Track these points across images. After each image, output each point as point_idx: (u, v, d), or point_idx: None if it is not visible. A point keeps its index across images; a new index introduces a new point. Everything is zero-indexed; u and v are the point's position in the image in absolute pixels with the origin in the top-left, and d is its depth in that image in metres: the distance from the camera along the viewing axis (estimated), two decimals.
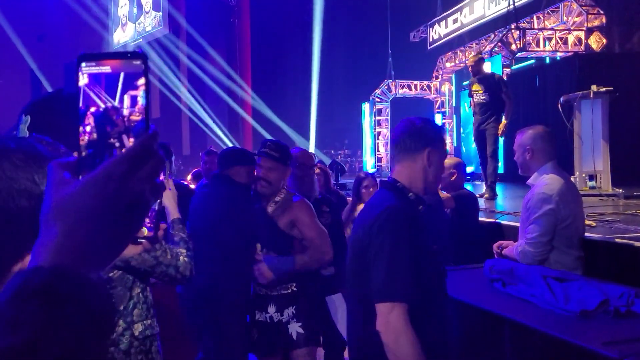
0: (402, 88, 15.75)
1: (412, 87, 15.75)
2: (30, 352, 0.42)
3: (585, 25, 10.92)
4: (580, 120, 6.00)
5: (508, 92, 6.60)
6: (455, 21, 13.77)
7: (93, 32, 21.03)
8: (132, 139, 0.55)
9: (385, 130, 16.13)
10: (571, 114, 6.06)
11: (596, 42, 10.95)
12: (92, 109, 0.55)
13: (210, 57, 18.21)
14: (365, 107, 16.61)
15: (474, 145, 8.02)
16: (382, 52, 16.07)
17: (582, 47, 10.89)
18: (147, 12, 20.27)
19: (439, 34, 14.49)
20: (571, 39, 11.21)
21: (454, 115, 14.89)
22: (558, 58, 11.14)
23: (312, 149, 15.95)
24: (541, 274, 2.20)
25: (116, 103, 0.55)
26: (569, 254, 2.67)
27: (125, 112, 0.55)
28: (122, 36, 21.81)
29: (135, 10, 20.87)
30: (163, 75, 19.46)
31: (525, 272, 2.26)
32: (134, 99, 0.55)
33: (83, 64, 0.55)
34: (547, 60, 11.73)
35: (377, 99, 16.07)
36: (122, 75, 0.54)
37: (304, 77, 17.97)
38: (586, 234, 2.93)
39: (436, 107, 15.79)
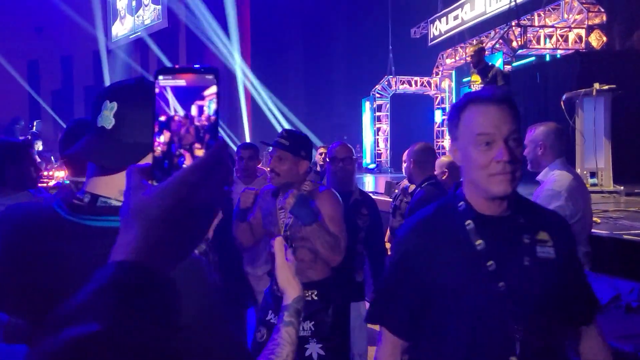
0: (403, 84, 15.78)
1: (413, 83, 15.79)
2: (109, 339, 0.46)
3: (586, 23, 10.96)
4: (582, 117, 6.05)
5: (504, 85, 6.56)
6: (456, 18, 13.79)
7: (92, 25, 20.94)
8: (201, 149, 0.58)
9: (385, 126, 16.18)
10: (573, 111, 6.10)
11: (597, 40, 10.99)
12: (166, 119, 0.58)
13: (210, 50, 18.18)
14: (366, 102, 16.64)
15: None
16: (382, 48, 16.09)
17: (583, 45, 10.93)
18: (145, 5, 20.21)
19: (439, 30, 14.51)
20: (572, 36, 11.25)
21: None
22: (558, 56, 11.17)
23: None
24: None
25: (188, 113, 0.58)
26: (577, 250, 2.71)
27: (196, 122, 0.58)
28: (120, 29, 21.75)
29: (134, 3, 20.80)
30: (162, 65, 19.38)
31: None
32: (204, 110, 0.58)
33: (160, 77, 0.59)
34: (548, 58, 11.77)
35: (377, 95, 16.10)
36: (195, 88, 0.58)
37: (305, 71, 17.96)
38: (592, 230, 2.97)
39: (436, 103, 15.83)
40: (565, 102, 6.16)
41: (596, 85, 5.93)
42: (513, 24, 11.24)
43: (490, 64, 7.15)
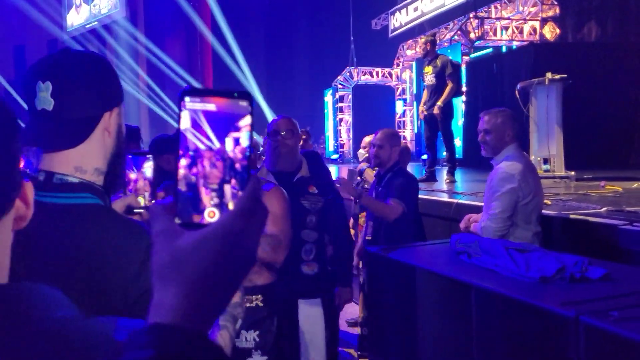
0: (364, 75, 15.92)
1: (374, 74, 15.94)
2: None
3: (540, 15, 11.30)
4: (535, 106, 6.26)
5: (452, 74, 6.52)
6: (415, 9, 13.98)
7: (45, 14, 20.28)
8: (235, 188, 0.52)
9: (348, 117, 16.29)
10: (527, 100, 6.30)
11: (550, 31, 11.34)
12: (192, 149, 0.51)
13: (170, 40, 17.89)
14: (328, 93, 16.71)
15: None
16: (344, 39, 16.17)
17: (537, 37, 11.27)
18: None
19: (400, 21, 14.68)
20: (527, 28, 11.59)
21: (415, 102, 15.16)
22: (514, 47, 11.49)
23: None
24: (504, 246, 2.35)
25: (218, 144, 0.51)
26: (528, 229, 2.84)
27: (227, 154, 0.51)
28: (76, 18, 21.10)
29: None
30: (119, 61, 18.99)
31: (489, 245, 2.40)
32: (236, 142, 0.51)
33: (187, 99, 0.52)
34: (504, 49, 12.08)
35: (339, 86, 16.19)
36: (226, 114, 0.51)
37: (267, 62, 17.88)
38: (543, 211, 3.12)
39: (397, 94, 16.04)
40: (520, 92, 6.36)
41: (548, 75, 6.14)
42: (471, 16, 11.50)
43: (439, 54, 7.07)
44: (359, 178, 4.88)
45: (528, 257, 2.21)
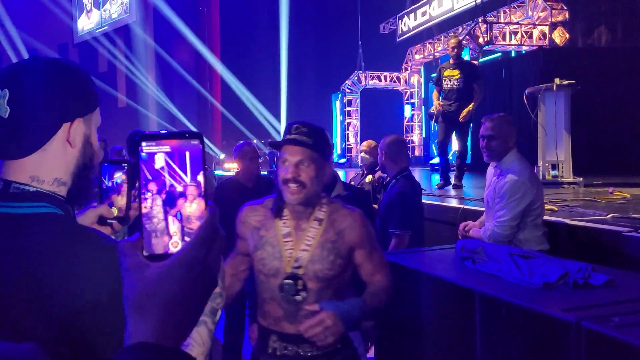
0: (372, 79, 15.94)
1: (382, 78, 15.96)
2: None
3: (550, 20, 11.26)
4: (544, 111, 6.25)
5: (481, 82, 6.60)
6: (424, 14, 13.99)
7: (56, 19, 20.50)
8: (193, 218, 0.57)
9: (355, 121, 16.31)
10: (535, 106, 6.30)
11: (560, 36, 11.30)
12: (153, 187, 0.57)
13: (179, 44, 18.02)
14: (336, 98, 16.75)
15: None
16: (352, 44, 16.21)
17: (547, 42, 11.24)
18: None
19: (408, 26, 14.70)
20: (536, 33, 11.55)
21: (423, 107, 15.16)
22: (523, 52, 11.46)
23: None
24: (508, 252, 2.37)
25: (176, 180, 0.57)
26: (537, 230, 2.87)
27: (185, 189, 0.57)
28: (86, 23, 21.34)
29: None
30: (129, 63, 19.14)
31: (493, 250, 2.42)
32: (192, 177, 0.57)
33: (144, 144, 0.57)
34: (513, 54, 12.05)
35: (347, 90, 16.22)
36: (180, 154, 0.57)
37: (274, 67, 17.96)
38: (549, 217, 3.14)
39: (405, 98, 16.04)
40: (528, 97, 6.36)
41: (557, 81, 6.13)
42: (479, 20, 11.48)
43: (467, 60, 7.22)
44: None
45: (531, 263, 2.23)
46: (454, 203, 4.86)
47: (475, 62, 7.36)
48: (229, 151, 11.44)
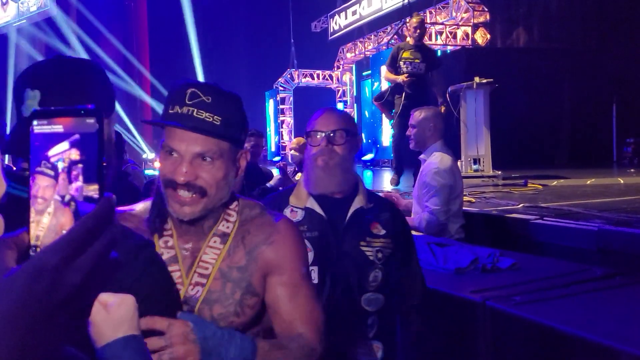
0: (305, 77, 16.09)
1: (315, 76, 16.14)
2: None
3: (472, 21, 11.80)
4: (465, 108, 6.57)
5: (438, 72, 6.05)
6: (354, 13, 14.27)
7: None
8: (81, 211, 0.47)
9: (289, 119, 16.40)
10: (458, 103, 6.62)
11: (481, 37, 11.86)
12: (40, 177, 0.48)
13: (105, 38, 17.41)
14: (269, 96, 16.77)
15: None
16: (284, 42, 16.28)
17: (470, 42, 11.77)
18: None
19: (339, 24, 14.94)
20: (460, 33, 12.07)
21: (355, 105, 15.46)
22: (448, 51, 11.94)
23: None
24: (426, 241, 2.53)
25: (65, 168, 0.48)
26: (456, 222, 3.05)
27: (76, 177, 0.47)
28: (2, 16, 20.17)
29: None
30: (51, 54, 18.25)
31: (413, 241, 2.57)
32: (85, 163, 0.48)
33: (35, 122, 0.49)
34: (439, 53, 12.52)
35: (280, 88, 16.27)
36: (73, 134, 0.48)
37: (207, 66, 17.72)
38: (467, 208, 3.34)
39: (338, 96, 16.29)
40: (451, 95, 6.66)
41: (476, 79, 6.46)
42: (407, 20, 11.85)
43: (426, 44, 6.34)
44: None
45: (446, 251, 2.39)
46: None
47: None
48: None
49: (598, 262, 2.62)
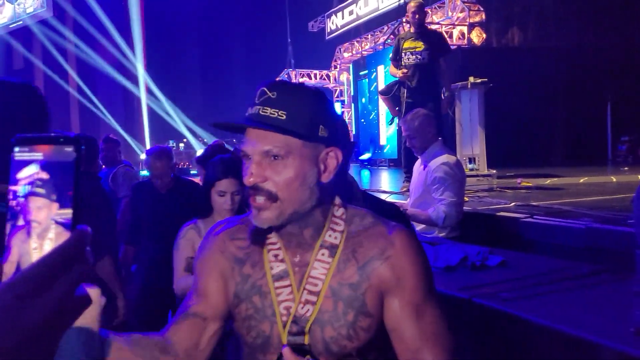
0: (302, 77, 16.13)
1: (312, 76, 16.18)
2: None
3: (468, 20, 11.84)
4: (460, 108, 6.63)
5: (449, 57, 5.54)
6: (351, 13, 14.32)
7: None
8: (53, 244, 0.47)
9: None
10: (453, 103, 6.66)
11: (477, 36, 11.91)
12: (20, 202, 0.48)
13: (101, 39, 17.43)
14: None
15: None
16: (281, 42, 16.32)
17: (465, 41, 11.81)
18: None
19: (336, 24, 14.98)
20: (455, 33, 12.11)
21: (352, 104, 15.50)
22: None
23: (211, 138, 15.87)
24: None
25: (45, 195, 0.48)
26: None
27: (51, 205, 0.48)
28: None
29: None
30: (48, 56, 18.30)
31: None
32: (60, 191, 0.48)
33: (16, 149, 0.50)
34: None
35: None
36: (52, 162, 0.49)
37: (203, 66, 17.75)
38: None
39: (335, 96, 16.33)
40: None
41: (471, 79, 6.52)
42: (403, 20, 11.89)
43: (432, 29, 5.77)
44: None
45: (437, 249, 2.44)
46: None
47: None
48: None
49: (586, 259, 2.67)
